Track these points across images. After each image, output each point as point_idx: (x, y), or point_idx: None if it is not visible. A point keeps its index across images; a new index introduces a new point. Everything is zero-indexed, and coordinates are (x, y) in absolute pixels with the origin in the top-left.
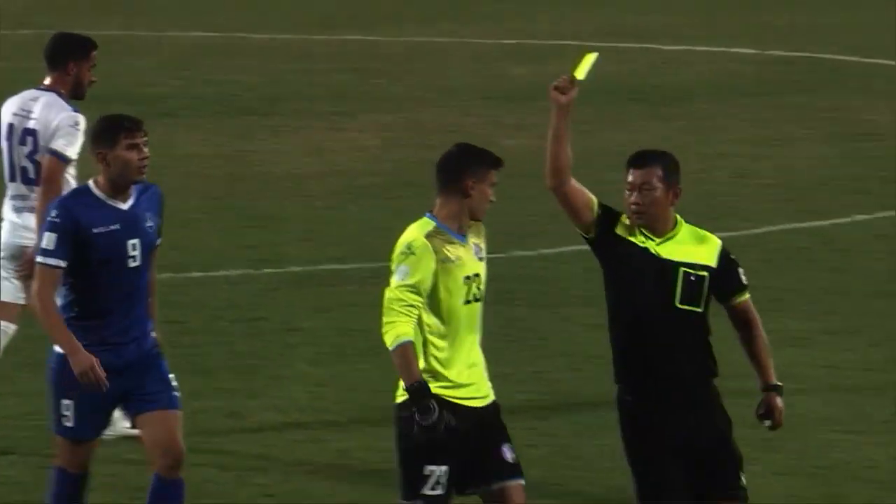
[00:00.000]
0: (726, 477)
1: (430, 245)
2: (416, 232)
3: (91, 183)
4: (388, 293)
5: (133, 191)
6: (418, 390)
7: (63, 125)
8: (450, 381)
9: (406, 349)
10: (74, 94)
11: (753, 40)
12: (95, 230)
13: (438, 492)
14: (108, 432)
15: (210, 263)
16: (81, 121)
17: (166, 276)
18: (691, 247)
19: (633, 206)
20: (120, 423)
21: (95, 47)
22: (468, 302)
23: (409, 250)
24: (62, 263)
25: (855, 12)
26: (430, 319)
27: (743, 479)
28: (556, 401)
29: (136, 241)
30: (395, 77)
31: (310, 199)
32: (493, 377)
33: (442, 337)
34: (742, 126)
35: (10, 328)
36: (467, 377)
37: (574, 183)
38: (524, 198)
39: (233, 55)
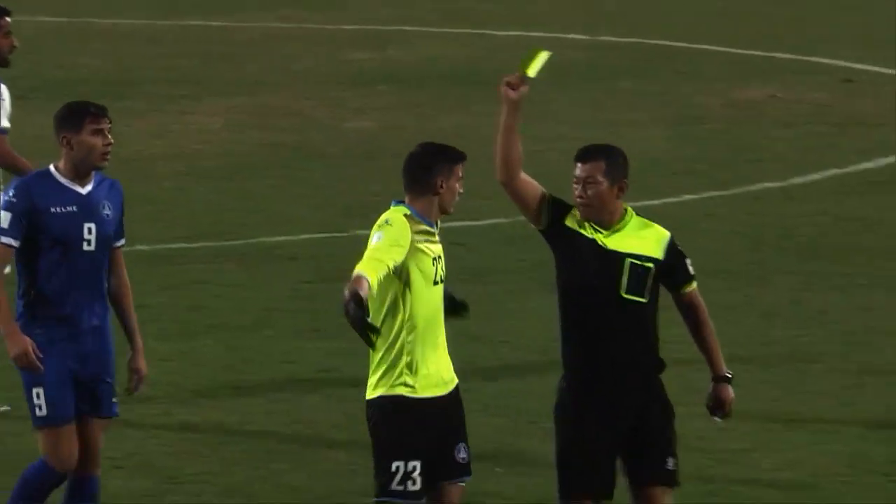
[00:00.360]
0: (653, 463)
1: (407, 223)
2: (394, 212)
3: (52, 167)
4: (371, 246)
5: (93, 177)
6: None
7: None
8: (418, 378)
9: (360, 279)
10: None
11: (585, 27)
12: (52, 210)
13: (411, 487)
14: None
15: None
16: (4, 90)
17: None
18: (638, 239)
19: (578, 199)
20: None
21: (8, 13)
22: (436, 283)
23: (388, 223)
24: (14, 243)
25: None
26: (404, 312)
27: (670, 463)
28: None
29: (91, 224)
30: (239, 62)
31: (157, 180)
32: (336, 354)
33: (413, 328)
34: (575, 110)
35: None
36: (435, 362)
37: (524, 177)
38: (365, 178)
39: (80, 39)
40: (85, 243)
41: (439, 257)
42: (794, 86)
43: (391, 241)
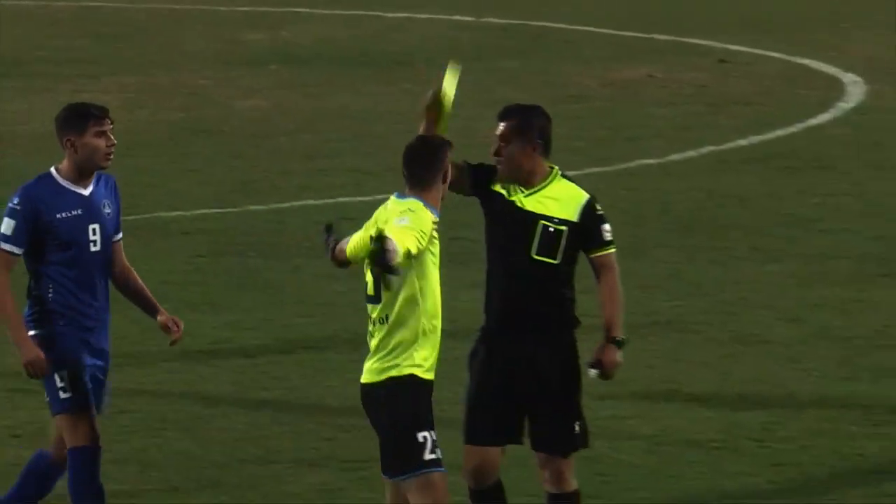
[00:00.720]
0: (552, 430)
1: (429, 213)
2: (412, 203)
3: (53, 170)
4: (399, 226)
5: (93, 177)
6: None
7: None
8: (427, 360)
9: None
10: None
11: (470, 8)
12: (59, 215)
13: (440, 455)
14: None
15: None
16: None
17: None
18: (555, 201)
19: (493, 158)
20: None
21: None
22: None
23: (411, 210)
24: (17, 250)
25: None
26: (423, 301)
27: (577, 427)
28: (287, 346)
29: (96, 225)
30: (135, 42)
31: (55, 156)
32: (229, 326)
33: (426, 314)
34: (461, 89)
35: None
36: (434, 348)
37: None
38: (257, 155)
39: None
40: (91, 244)
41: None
42: (671, 66)
43: (419, 226)
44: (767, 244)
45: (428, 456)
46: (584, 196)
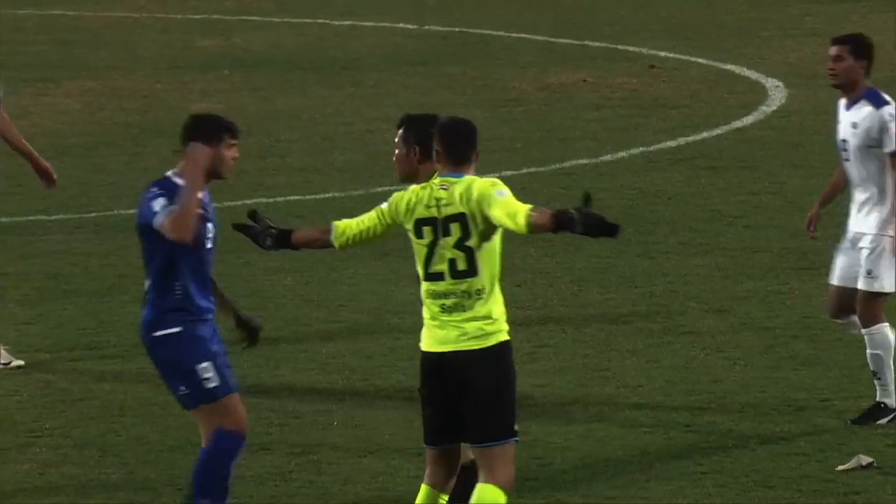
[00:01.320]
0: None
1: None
2: (475, 178)
3: (171, 174)
4: (505, 198)
5: None
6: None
7: None
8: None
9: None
10: None
11: (413, 16)
12: None
13: None
14: None
15: None
16: None
17: None
18: None
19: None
20: None
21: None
22: None
23: (493, 183)
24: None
25: None
26: (501, 262)
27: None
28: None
29: (210, 224)
30: (95, 48)
31: (18, 156)
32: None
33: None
34: (404, 93)
35: None
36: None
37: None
38: None
39: None
40: (208, 241)
41: None
42: (603, 71)
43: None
44: (694, 239)
45: (516, 425)
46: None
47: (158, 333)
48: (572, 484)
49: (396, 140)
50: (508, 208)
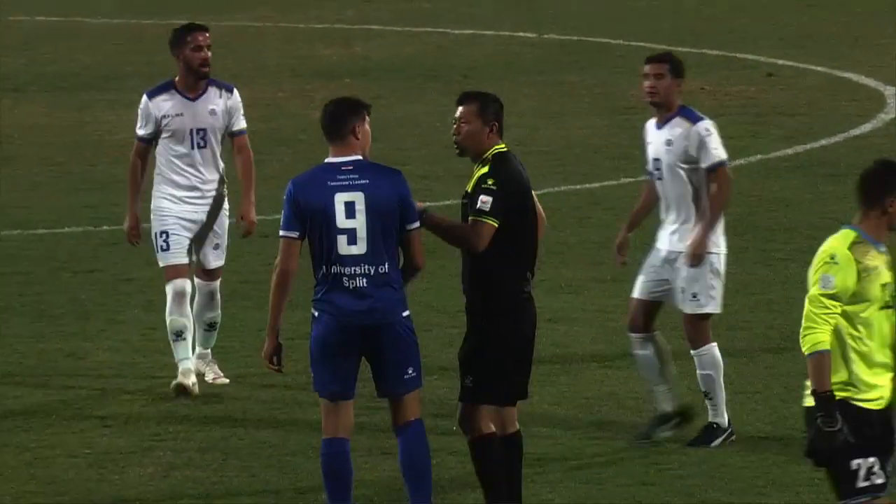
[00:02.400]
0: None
1: (852, 256)
2: (839, 242)
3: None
4: (811, 300)
5: None
6: (827, 400)
7: None
8: (861, 384)
9: (823, 358)
10: None
11: (532, 26)
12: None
13: (876, 481)
14: None
15: (54, 221)
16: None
17: (16, 233)
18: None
19: (453, 137)
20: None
21: (200, 29)
22: (883, 308)
23: (833, 260)
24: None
25: (622, 0)
26: (849, 328)
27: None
28: None
29: None
30: (217, 57)
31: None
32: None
33: (859, 341)
34: (523, 101)
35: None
36: (876, 379)
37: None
38: None
39: (72, 37)
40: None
41: (890, 283)
42: (720, 79)
43: (837, 287)
44: (812, 246)
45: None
46: (482, 171)
47: (407, 313)
48: (688, 489)
49: (463, 115)
50: None
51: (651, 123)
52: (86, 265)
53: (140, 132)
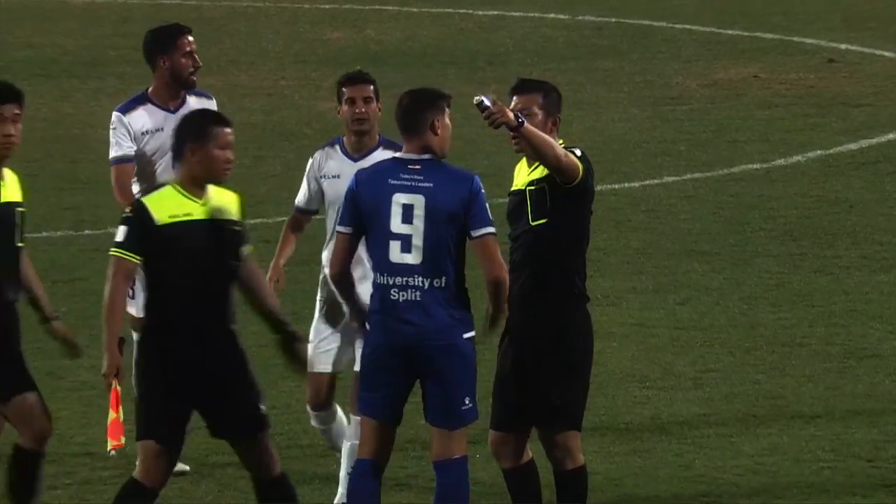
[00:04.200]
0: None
1: None
2: None
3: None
4: None
5: None
6: None
7: None
8: None
9: None
10: None
11: (564, 6)
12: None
13: None
14: None
15: (30, 225)
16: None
17: None
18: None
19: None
20: None
21: (187, 31)
22: None
23: None
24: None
25: None
26: None
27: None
28: None
29: None
30: (213, 40)
31: None
32: None
33: None
34: None
35: None
36: None
37: None
38: None
39: (51, 19)
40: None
41: None
42: (776, 66)
43: None
44: (878, 252)
45: None
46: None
47: (469, 335)
48: None
49: (525, 107)
50: None
51: None
52: (66, 274)
53: (118, 152)
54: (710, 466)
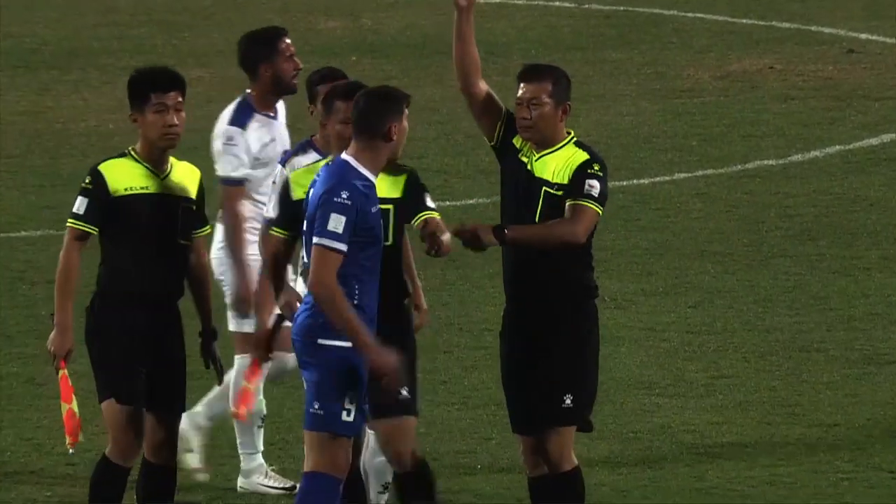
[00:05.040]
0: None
1: None
2: None
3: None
4: None
5: None
6: None
7: None
8: None
9: None
10: None
11: None
12: (373, 209)
13: None
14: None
15: (8, 224)
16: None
17: None
18: (559, 163)
19: (522, 121)
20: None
21: (285, 34)
22: None
23: None
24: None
25: None
26: None
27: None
28: None
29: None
30: (201, 31)
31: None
32: None
33: None
34: None
35: None
36: None
37: (484, 86)
38: None
39: (32, 7)
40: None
41: None
42: (793, 57)
43: None
44: None
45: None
46: (582, 157)
47: (325, 342)
48: None
49: (535, 96)
50: None
51: None
52: (46, 275)
53: (238, 172)
54: (723, 478)
